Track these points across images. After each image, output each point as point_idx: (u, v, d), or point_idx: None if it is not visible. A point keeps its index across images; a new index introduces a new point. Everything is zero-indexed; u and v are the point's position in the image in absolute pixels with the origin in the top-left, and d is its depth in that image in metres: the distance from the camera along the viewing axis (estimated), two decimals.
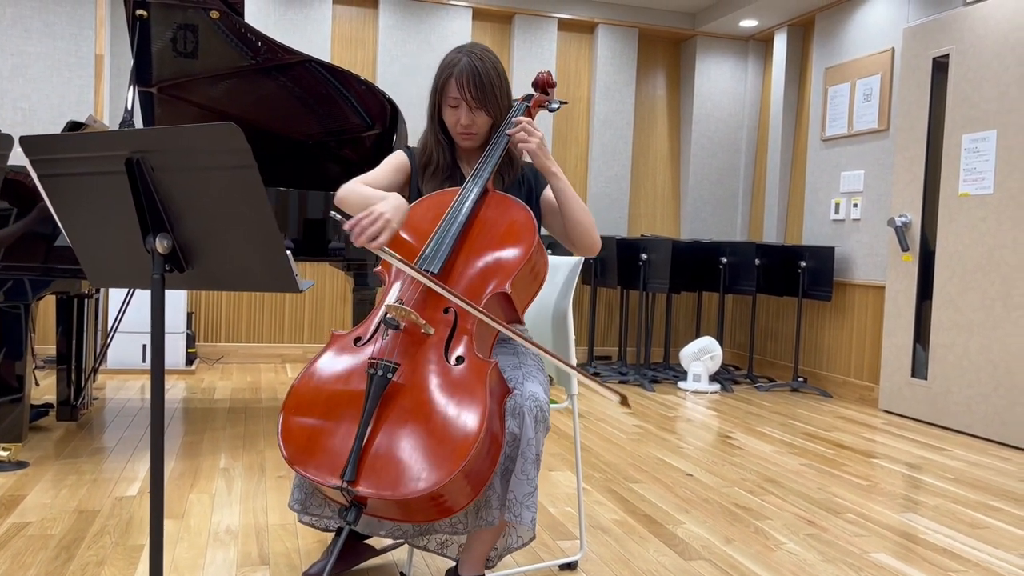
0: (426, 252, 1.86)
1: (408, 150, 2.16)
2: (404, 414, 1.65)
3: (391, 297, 1.87)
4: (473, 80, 1.96)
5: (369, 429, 1.64)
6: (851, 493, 3.14)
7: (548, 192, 2.12)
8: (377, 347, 1.78)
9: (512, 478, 1.76)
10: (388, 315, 1.76)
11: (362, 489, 1.58)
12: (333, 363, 1.78)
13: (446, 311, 1.81)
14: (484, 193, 1.97)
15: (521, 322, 1.94)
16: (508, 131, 1.99)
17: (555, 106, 2.21)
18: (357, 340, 1.82)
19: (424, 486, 1.56)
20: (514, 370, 1.92)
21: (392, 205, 1.77)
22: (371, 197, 1.90)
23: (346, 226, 1.71)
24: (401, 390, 1.69)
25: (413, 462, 1.59)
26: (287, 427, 1.70)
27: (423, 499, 1.57)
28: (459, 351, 1.74)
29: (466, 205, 1.93)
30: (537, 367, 1.99)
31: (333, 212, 1.72)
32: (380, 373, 1.67)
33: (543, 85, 2.22)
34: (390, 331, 1.78)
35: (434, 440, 1.61)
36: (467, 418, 1.62)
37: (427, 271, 1.81)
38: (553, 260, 2.42)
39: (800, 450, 3.81)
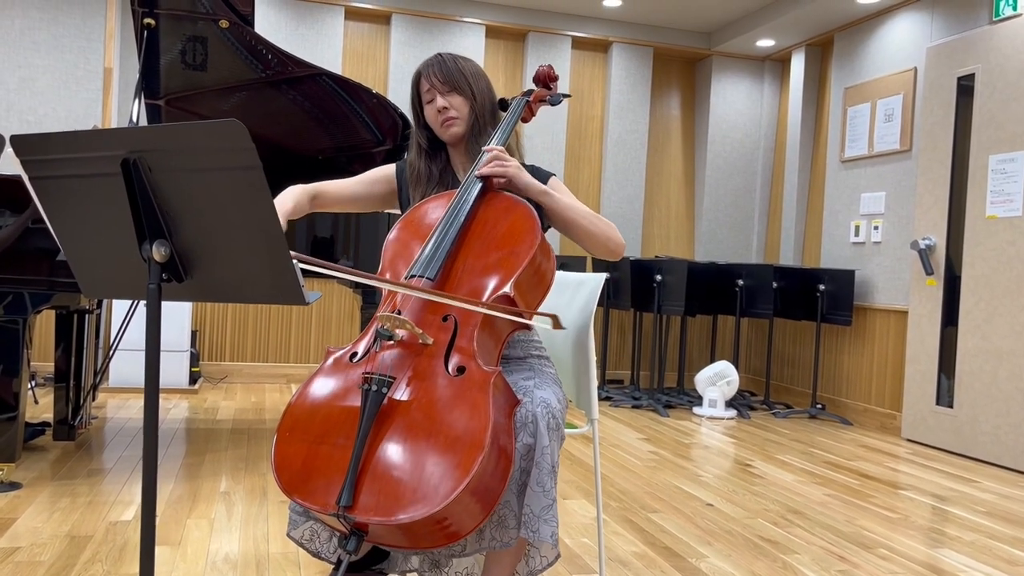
0: (422, 256, 1.76)
1: (402, 163, 2.10)
2: (402, 431, 1.53)
3: (385, 307, 1.76)
4: (438, 67, 1.96)
5: (365, 449, 1.51)
6: (880, 526, 2.99)
7: (550, 184, 2.00)
8: (372, 361, 1.66)
9: (527, 491, 1.64)
10: (381, 325, 1.65)
11: (360, 515, 1.45)
12: (328, 382, 1.66)
13: (445, 319, 1.69)
14: (484, 193, 1.87)
15: (529, 328, 1.82)
16: (477, 172, 1.88)
17: (558, 100, 2.12)
18: (353, 356, 1.71)
19: (425, 508, 1.42)
20: (526, 382, 1.81)
21: (284, 194, 1.83)
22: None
23: None
24: (398, 406, 1.57)
25: (412, 483, 1.46)
26: (281, 453, 1.58)
27: (425, 523, 1.44)
28: (460, 361, 1.62)
29: (464, 206, 1.83)
30: (553, 381, 1.87)
31: None
32: (374, 388, 1.55)
33: (544, 79, 2.15)
34: (384, 343, 1.67)
35: (434, 458, 1.48)
36: (470, 432, 1.49)
37: (423, 276, 1.71)
38: (574, 277, 2.30)
39: (823, 480, 3.66)
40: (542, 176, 2.00)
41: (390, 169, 2.10)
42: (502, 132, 1.97)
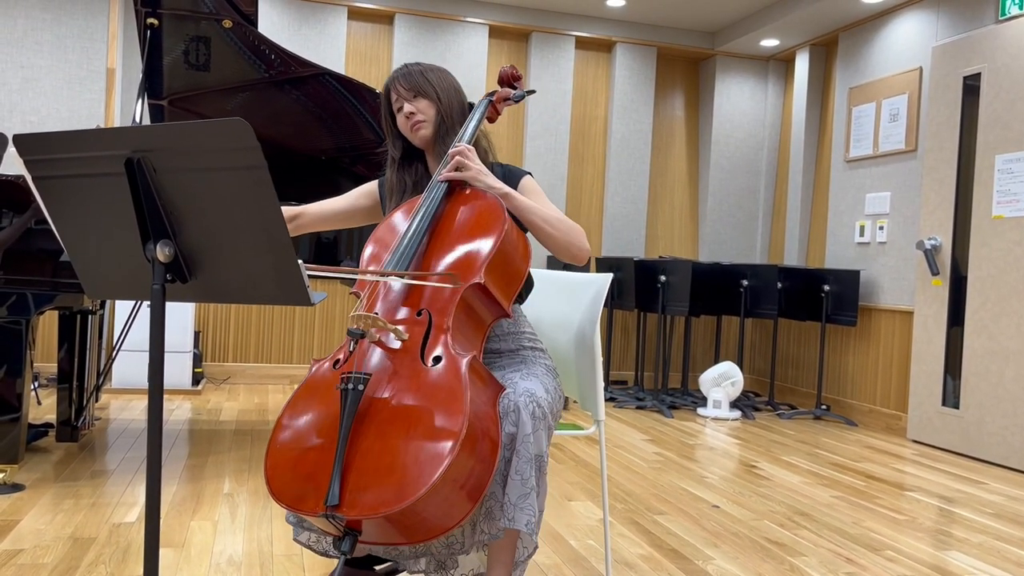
0: (395, 255, 1.78)
1: (383, 178, 2.14)
2: (382, 426, 1.54)
3: (357, 308, 1.77)
4: (403, 75, 2.01)
5: (347, 448, 1.52)
6: (888, 528, 2.97)
7: (522, 185, 2.01)
8: (350, 362, 1.68)
9: (508, 480, 1.64)
10: (351, 326, 1.66)
11: (348, 512, 1.45)
12: (312, 392, 1.69)
13: (419, 313, 1.71)
14: (451, 191, 1.92)
15: (508, 315, 1.82)
16: (440, 178, 1.91)
17: (520, 96, 2.17)
18: (336, 363, 1.73)
19: (409, 496, 1.43)
20: (513, 373, 1.82)
21: None
22: None
23: None
24: (377, 402, 1.58)
25: (395, 474, 1.47)
26: (272, 466, 1.60)
27: (410, 513, 1.45)
28: (436, 351, 1.63)
29: (433, 204, 1.87)
30: (547, 371, 1.87)
31: None
32: (351, 387, 1.56)
33: (507, 80, 2.20)
34: (361, 342, 1.70)
35: (414, 447, 1.49)
36: (447, 418, 1.51)
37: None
38: (580, 278, 2.29)
39: (830, 481, 3.64)
40: (516, 176, 2.02)
41: (373, 184, 2.15)
42: (468, 132, 2.00)
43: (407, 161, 2.08)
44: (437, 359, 1.62)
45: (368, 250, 1.91)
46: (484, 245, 1.77)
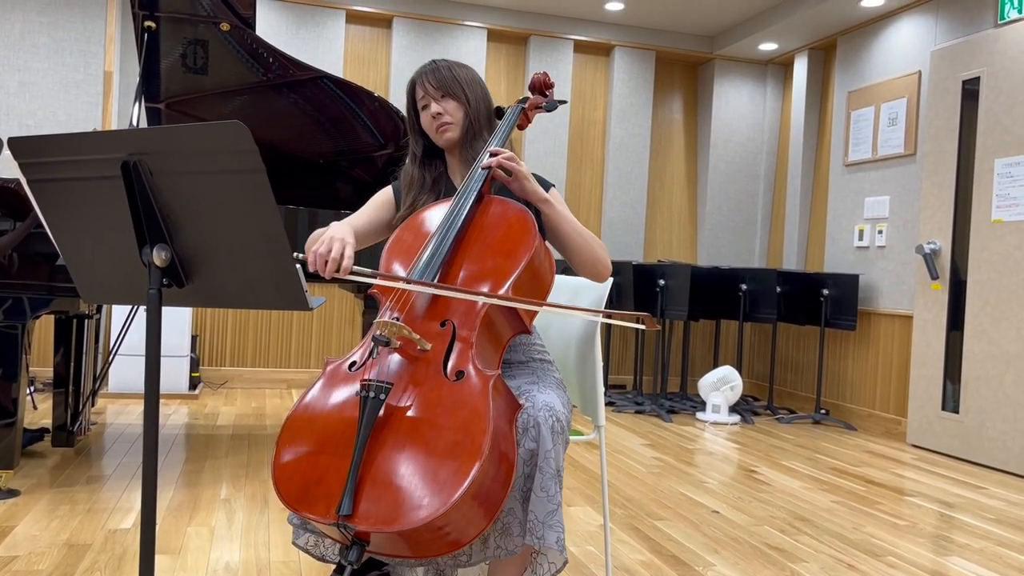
0: (419, 263, 1.74)
1: (397, 182, 2.08)
2: (401, 438, 1.51)
3: (382, 314, 1.74)
4: (432, 73, 1.96)
5: (363, 457, 1.49)
6: (888, 534, 2.96)
7: (550, 196, 1.97)
8: (370, 369, 1.64)
9: (532, 497, 1.62)
10: (378, 332, 1.63)
11: (360, 523, 1.42)
12: (326, 393, 1.65)
13: (443, 324, 1.67)
14: (481, 199, 1.86)
15: (528, 331, 1.80)
16: (483, 164, 1.87)
17: (553, 106, 2.12)
18: (352, 366, 1.69)
19: (425, 514, 1.40)
20: (529, 385, 1.79)
21: (338, 226, 1.76)
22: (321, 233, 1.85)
23: (309, 263, 1.67)
24: (396, 412, 1.55)
25: (412, 489, 1.44)
26: (281, 466, 1.56)
27: (426, 530, 1.41)
28: (459, 365, 1.60)
29: (461, 211, 1.81)
30: (557, 384, 1.84)
31: (297, 254, 1.59)
32: (372, 395, 1.53)
33: (539, 87, 2.14)
34: (382, 350, 1.66)
35: (434, 463, 1.46)
36: (469, 436, 1.47)
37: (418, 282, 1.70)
38: (581, 282, 2.27)
39: (830, 486, 3.62)
40: (544, 186, 1.98)
41: (388, 192, 2.08)
42: (499, 138, 1.95)
43: (428, 159, 2.04)
44: (460, 373, 1.59)
45: (389, 253, 1.86)
46: (513, 260, 1.73)
